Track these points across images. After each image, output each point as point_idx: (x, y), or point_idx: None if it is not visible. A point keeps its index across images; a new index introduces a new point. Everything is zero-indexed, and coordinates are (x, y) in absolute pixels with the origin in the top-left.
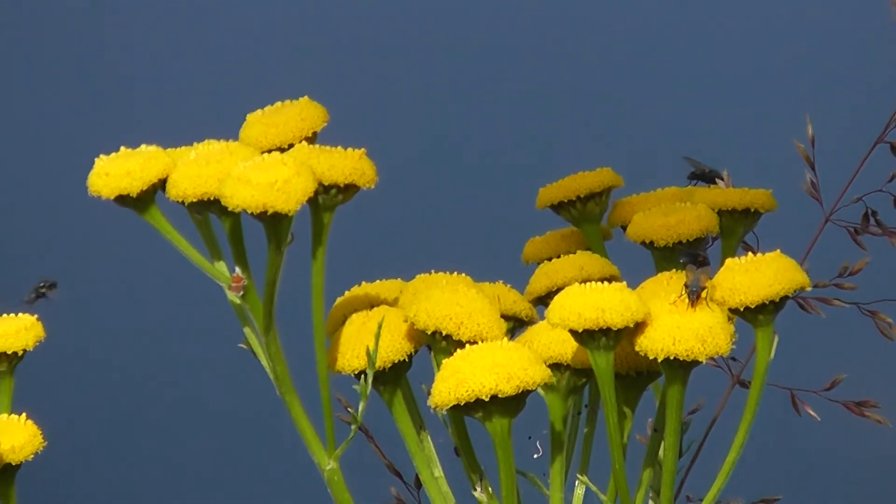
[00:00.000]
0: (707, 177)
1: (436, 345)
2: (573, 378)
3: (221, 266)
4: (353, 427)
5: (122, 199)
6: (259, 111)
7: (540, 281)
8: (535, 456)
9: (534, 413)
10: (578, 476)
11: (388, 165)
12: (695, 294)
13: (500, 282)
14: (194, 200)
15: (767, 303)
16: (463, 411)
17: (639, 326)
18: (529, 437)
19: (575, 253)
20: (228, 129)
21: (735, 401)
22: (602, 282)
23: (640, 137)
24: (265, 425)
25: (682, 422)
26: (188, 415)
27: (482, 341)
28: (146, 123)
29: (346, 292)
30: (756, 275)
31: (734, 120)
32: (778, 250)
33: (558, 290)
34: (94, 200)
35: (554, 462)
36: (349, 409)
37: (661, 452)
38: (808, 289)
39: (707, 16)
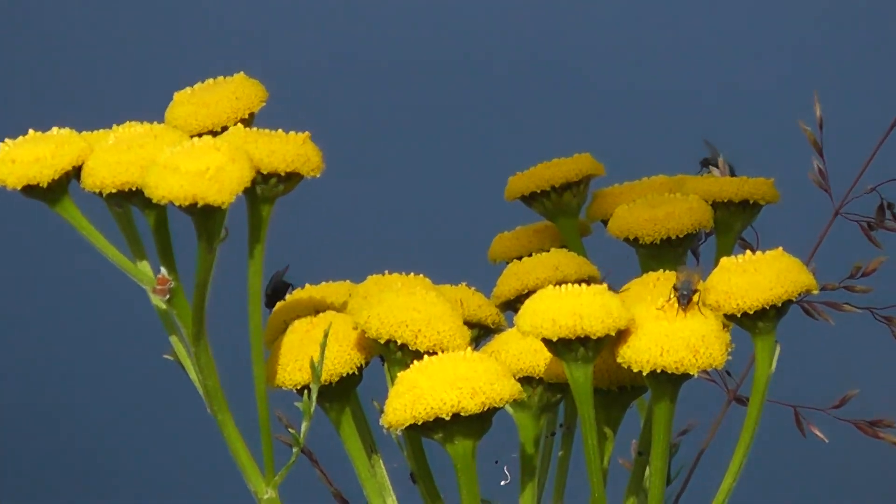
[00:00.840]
0: (707, 162)
1: (390, 356)
2: (546, 394)
3: (145, 266)
4: (294, 450)
5: (31, 190)
6: (188, 89)
7: (509, 283)
8: (503, 483)
9: (501, 434)
10: None
11: (335, 150)
12: (685, 298)
13: (464, 284)
14: (113, 191)
15: (768, 308)
16: (420, 432)
17: (621, 335)
18: (497, 462)
19: (549, 251)
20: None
21: (731, 420)
22: (580, 284)
23: (622, 119)
24: (193, 448)
25: (671, 444)
26: (101, 435)
27: (443, 351)
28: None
29: (288, 296)
30: (755, 276)
31: (730, 100)
32: (780, 248)
33: (530, 293)
34: None
35: (524, 490)
36: (290, 430)
37: (646, 479)
38: (815, 292)
39: None
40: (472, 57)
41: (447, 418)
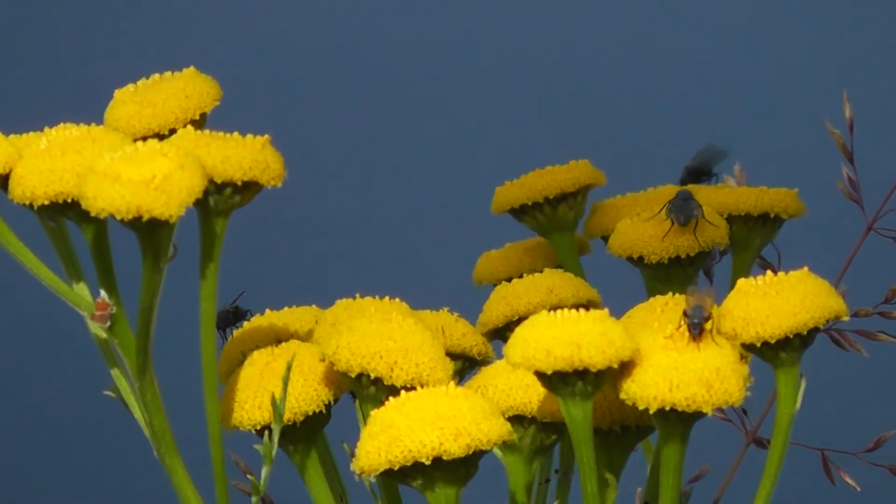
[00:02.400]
0: (697, 172)
1: (362, 391)
2: (540, 435)
3: (82, 289)
4: (253, 499)
5: None
6: (130, 86)
7: (497, 308)
8: None
9: (489, 480)
10: None
11: (299, 157)
12: (697, 325)
13: (445, 309)
14: (46, 203)
15: (792, 336)
16: (397, 478)
17: (625, 367)
18: None
19: (542, 271)
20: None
21: (750, 465)
22: (577, 309)
23: (624, 124)
24: (139, 496)
25: (682, 492)
26: (35, 489)
27: (422, 386)
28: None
29: (246, 323)
30: (777, 300)
31: (746, 103)
32: (805, 268)
33: (520, 319)
34: None
35: None
36: (249, 476)
37: None
38: (846, 318)
39: None
40: (456, 57)
41: (427, 462)
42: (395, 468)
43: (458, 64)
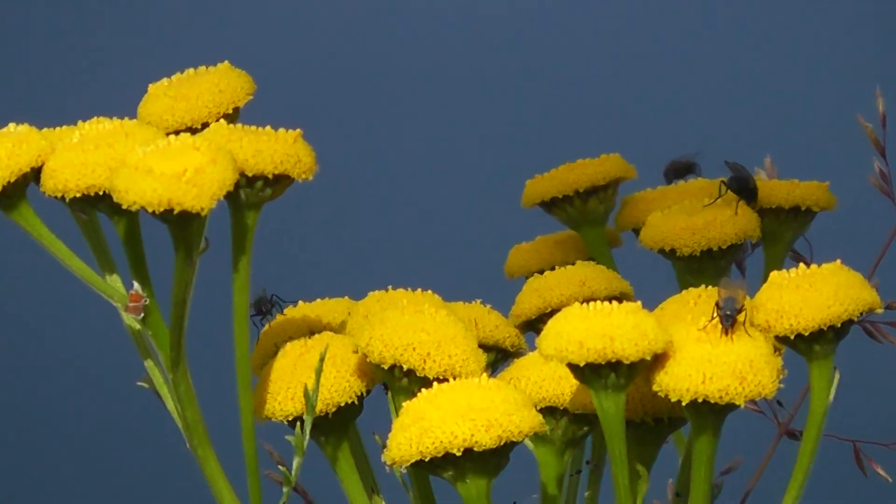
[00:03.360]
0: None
1: (394, 383)
2: (572, 426)
3: (115, 281)
4: (285, 490)
5: None
6: (164, 80)
7: (529, 300)
8: None
9: (520, 471)
10: None
11: (331, 151)
12: (730, 318)
13: (478, 301)
14: (78, 195)
15: (825, 329)
16: (428, 469)
17: (658, 360)
18: (515, 503)
19: (573, 264)
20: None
21: (782, 457)
22: (609, 301)
23: (654, 118)
24: (171, 487)
25: (714, 484)
26: (61, 479)
27: (454, 378)
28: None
29: (279, 315)
30: (810, 292)
31: (780, 99)
32: (838, 260)
33: (553, 311)
34: None
35: None
36: (281, 467)
37: None
38: (879, 311)
39: None
40: (487, 51)
41: (458, 454)
42: (427, 459)
43: (488, 55)
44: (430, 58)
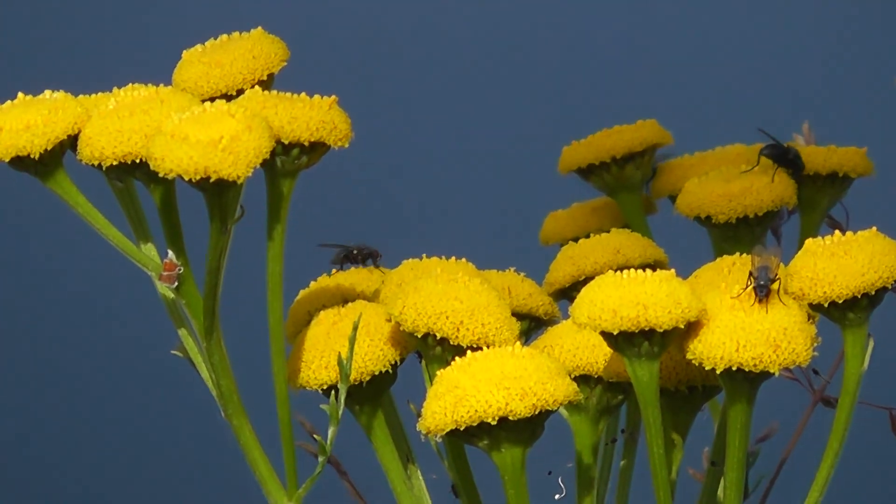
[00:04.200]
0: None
1: (428, 351)
2: (606, 395)
3: (150, 249)
4: (320, 459)
5: (20, 162)
6: (198, 46)
7: (563, 268)
8: (557, 497)
9: (555, 440)
10: None
11: (366, 118)
12: (763, 287)
13: (512, 269)
14: (114, 163)
15: (860, 296)
16: (463, 438)
17: (691, 328)
18: (550, 473)
19: (608, 231)
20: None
21: (817, 424)
22: (644, 269)
23: (692, 83)
24: (205, 456)
25: (749, 452)
26: (99, 442)
27: (488, 347)
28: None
29: (312, 283)
30: (845, 260)
31: (815, 65)
32: (874, 228)
33: (587, 279)
34: None
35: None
36: (315, 436)
37: (720, 491)
38: None
39: None
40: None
41: (493, 423)
42: (462, 428)
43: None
44: (467, 27)
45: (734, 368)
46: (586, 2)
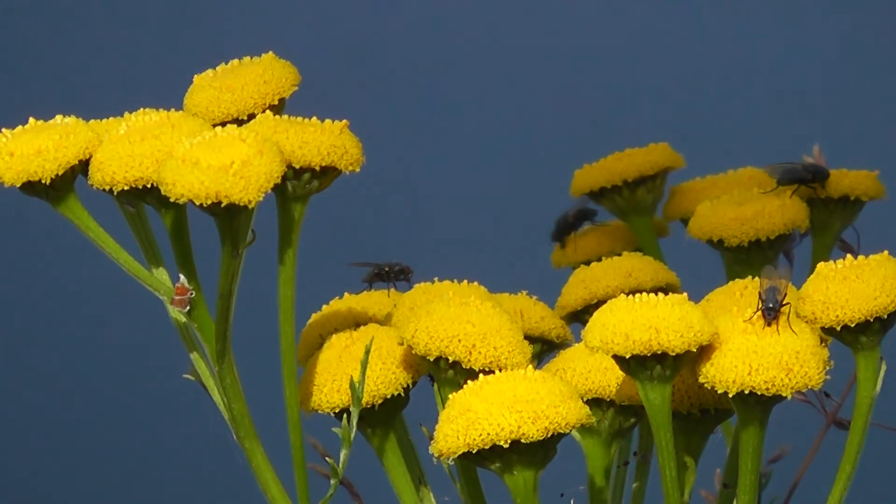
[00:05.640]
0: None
1: (440, 375)
2: (618, 418)
3: (161, 274)
4: (332, 482)
5: (31, 187)
6: (210, 71)
7: (575, 291)
8: None
9: (567, 463)
10: None
11: (377, 143)
12: (772, 310)
13: (524, 292)
14: (125, 188)
15: (872, 320)
16: (475, 461)
17: (704, 351)
18: (562, 495)
19: (620, 254)
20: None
21: (830, 447)
22: (656, 293)
23: (703, 105)
24: (217, 479)
25: (761, 474)
26: (108, 465)
27: (500, 370)
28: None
29: (324, 307)
30: (857, 283)
31: (825, 83)
32: (886, 251)
33: (599, 303)
34: None
35: None
36: (327, 459)
37: None
38: None
39: None
40: (531, 33)
41: (505, 446)
42: (474, 451)
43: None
44: (474, 39)
45: (746, 392)
46: (599, 20)
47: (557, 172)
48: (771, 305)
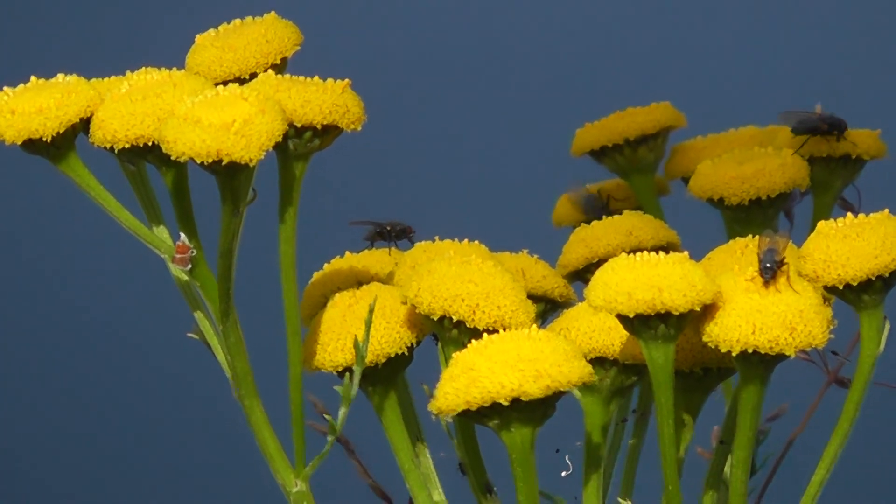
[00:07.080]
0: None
1: (444, 334)
2: (620, 376)
3: (162, 231)
4: (329, 438)
5: (32, 145)
6: (212, 31)
7: (576, 250)
8: (564, 474)
9: (564, 419)
10: (620, 500)
11: (377, 100)
12: (769, 270)
13: (525, 251)
14: (126, 146)
15: (874, 279)
16: (474, 418)
17: (707, 310)
18: (557, 451)
19: (621, 213)
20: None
21: (829, 404)
22: (657, 251)
23: (705, 64)
24: (217, 436)
25: (759, 430)
26: (111, 418)
27: (503, 329)
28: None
29: (327, 265)
30: (858, 242)
31: (827, 41)
32: (886, 210)
33: (600, 262)
34: None
35: (588, 482)
36: (326, 416)
37: (727, 469)
38: None
39: None
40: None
41: (506, 403)
42: (473, 409)
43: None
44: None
45: (750, 351)
46: None
47: (557, 132)
48: (768, 265)
